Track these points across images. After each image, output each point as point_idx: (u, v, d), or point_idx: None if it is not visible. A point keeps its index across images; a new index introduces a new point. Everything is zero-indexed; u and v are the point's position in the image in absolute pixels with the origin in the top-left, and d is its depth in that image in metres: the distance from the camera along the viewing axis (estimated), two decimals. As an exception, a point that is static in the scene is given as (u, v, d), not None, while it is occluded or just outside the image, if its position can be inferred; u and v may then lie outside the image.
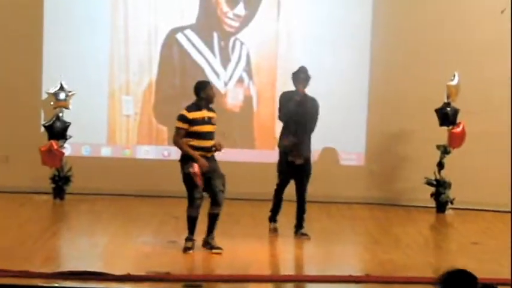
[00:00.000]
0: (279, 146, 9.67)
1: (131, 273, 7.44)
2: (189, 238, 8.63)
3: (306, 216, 9.62)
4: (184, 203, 8.69)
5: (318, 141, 12.02)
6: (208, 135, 8.61)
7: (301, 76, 9.55)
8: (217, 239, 8.81)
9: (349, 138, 12.23)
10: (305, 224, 9.61)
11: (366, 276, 7.67)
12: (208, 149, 8.60)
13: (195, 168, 8.42)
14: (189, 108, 8.61)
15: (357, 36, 12.21)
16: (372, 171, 12.22)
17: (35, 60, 12.13)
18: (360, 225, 10.86)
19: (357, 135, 12.22)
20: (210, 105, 8.69)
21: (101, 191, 11.96)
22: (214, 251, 8.57)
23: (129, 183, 12.02)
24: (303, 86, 9.52)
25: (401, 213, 11.56)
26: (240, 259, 8.44)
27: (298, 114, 9.45)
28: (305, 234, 9.53)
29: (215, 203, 8.62)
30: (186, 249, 8.56)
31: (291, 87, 9.72)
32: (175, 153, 10.29)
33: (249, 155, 12.14)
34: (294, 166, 9.52)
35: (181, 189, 8.72)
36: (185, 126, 8.53)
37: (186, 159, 8.56)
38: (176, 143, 8.65)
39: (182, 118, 8.55)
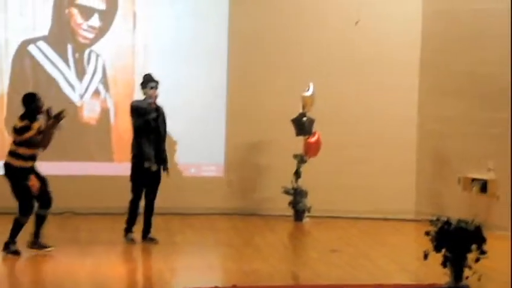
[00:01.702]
0: (134, 154, 9.66)
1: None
2: (14, 242, 8.84)
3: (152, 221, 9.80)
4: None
5: (177, 153, 12.08)
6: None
7: (150, 84, 9.70)
8: (77, 256, 8.87)
9: (208, 150, 12.26)
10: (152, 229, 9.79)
11: (233, 287, 7.70)
12: (36, 157, 8.87)
13: (33, 179, 8.76)
14: (21, 117, 8.85)
15: (214, 48, 12.28)
16: (230, 181, 12.30)
17: None
18: (221, 236, 10.92)
19: (215, 146, 12.27)
20: (38, 116, 8.84)
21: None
22: (47, 250, 8.93)
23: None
24: (153, 92, 9.68)
25: (260, 223, 11.69)
26: (102, 275, 8.30)
27: (155, 121, 9.64)
28: (154, 239, 9.73)
29: (48, 205, 8.98)
30: (16, 253, 8.79)
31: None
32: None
33: (107, 168, 11.97)
34: (149, 173, 9.58)
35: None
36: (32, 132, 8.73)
37: (21, 171, 8.73)
38: (36, 140, 8.73)
39: (26, 128, 8.74)
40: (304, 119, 11.86)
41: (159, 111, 9.72)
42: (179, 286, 8.18)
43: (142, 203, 9.79)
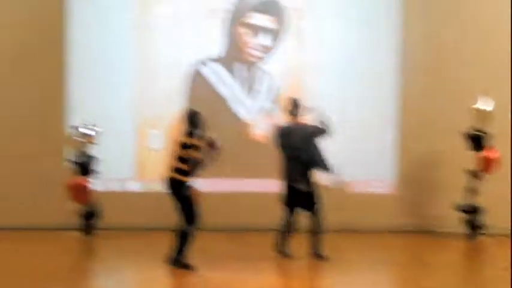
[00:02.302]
0: (281, 174, 9.78)
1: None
2: (185, 255, 8.87)
3: (320, 239, 9.70)
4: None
5: (349, 170, 11.98)
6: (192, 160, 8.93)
7: (289, 108, 9.81)
8: (247, 272, 8.85)
9: (380, 166, 12.13)
10: (321, 247, 9.70)
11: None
12: (196, 174, 8.92)
13: (195, 190, 8.91)
14: (189, 134, 8.90)
15: (384, 65, 12.14)
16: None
17: (59, 97, 12.19)
18: (391, 254, 10.70)
19: (387, 163, 12.12)
20: (196, 132, 8.91)
21: (130, 226, 11.92)
22: (187, 270, 8.82)
23: (158, 218, 11.93)
24: (293, 117, 9.79)
25: (432, 240, 11.38)
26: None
27: (291, 144, 9.69)
28: (322, 256, 9.67)
29: (192, 222, 8.92)
30: (187, 266, 8.84)
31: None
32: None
33: (274, 185, 12.03)
34: (297, 193, 9.63)
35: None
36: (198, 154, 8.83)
37: (183, 183, 8.81)
38: (199, 160, 8.86)
39: (194, 146, 8.86)
40: (479, 133, 11.45)
41: (300, 132, 9.68)
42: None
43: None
